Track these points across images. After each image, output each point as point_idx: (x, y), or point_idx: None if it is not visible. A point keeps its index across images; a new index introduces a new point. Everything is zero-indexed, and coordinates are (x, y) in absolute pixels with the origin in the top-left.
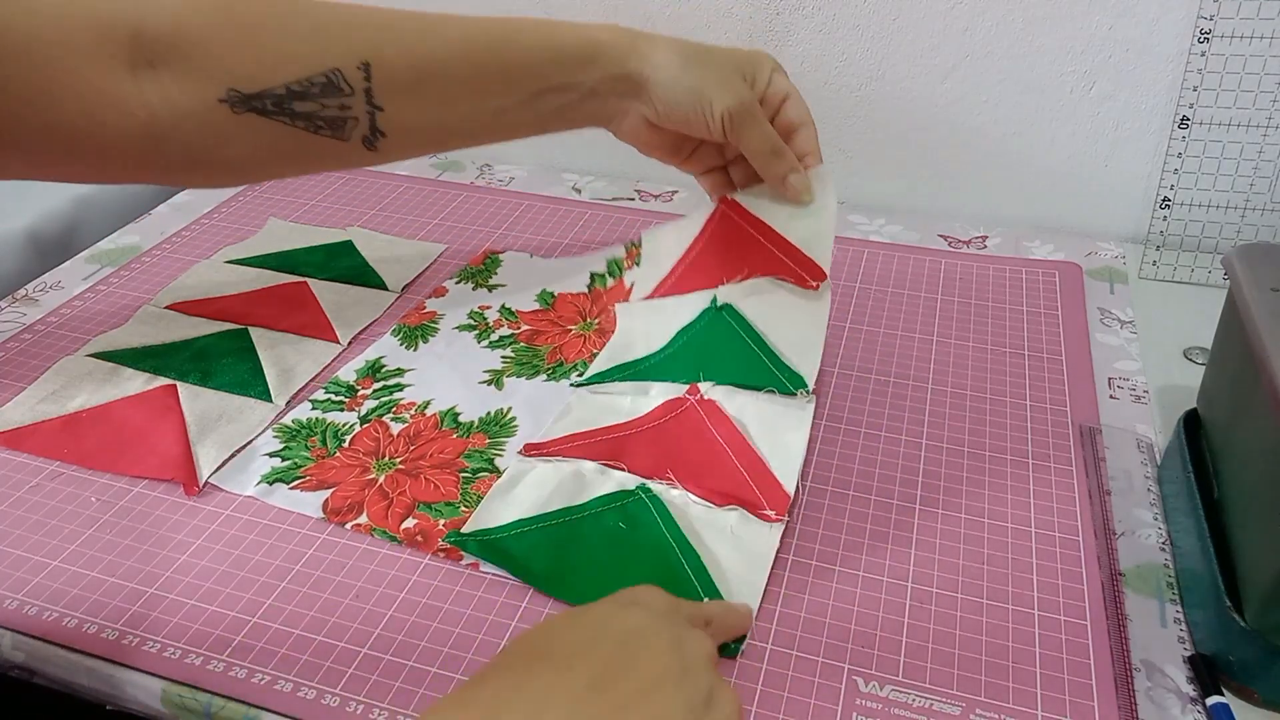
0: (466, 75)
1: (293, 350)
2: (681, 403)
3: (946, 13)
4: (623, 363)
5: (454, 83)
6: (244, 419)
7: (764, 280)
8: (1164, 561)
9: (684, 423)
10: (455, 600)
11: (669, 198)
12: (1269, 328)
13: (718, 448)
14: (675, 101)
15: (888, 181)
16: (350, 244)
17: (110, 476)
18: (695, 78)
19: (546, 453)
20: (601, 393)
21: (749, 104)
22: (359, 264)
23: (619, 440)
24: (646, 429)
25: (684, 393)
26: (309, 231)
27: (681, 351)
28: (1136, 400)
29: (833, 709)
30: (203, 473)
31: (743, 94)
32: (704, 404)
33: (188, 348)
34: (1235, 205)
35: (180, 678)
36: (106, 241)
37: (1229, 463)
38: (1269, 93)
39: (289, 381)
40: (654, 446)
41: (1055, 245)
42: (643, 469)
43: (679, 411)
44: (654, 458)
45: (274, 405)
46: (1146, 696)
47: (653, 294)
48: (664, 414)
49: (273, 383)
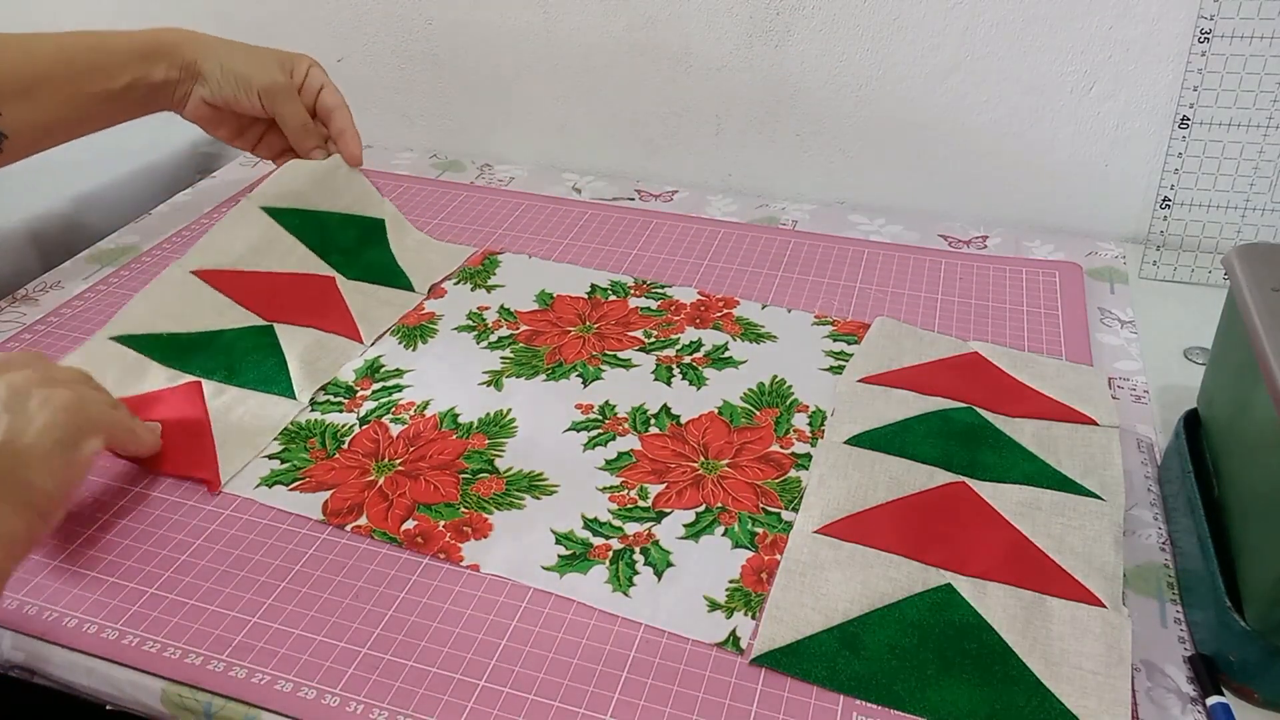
0: (66, 77)
1: (317, 346)
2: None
3: (946, 13)
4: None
5: (57, 84)
6: (268, 415)
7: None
8: (1164, 561)
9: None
10: (455, 600)
11: (669, 198)
12: (1269, 328)
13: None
14: (224, 83)
15: (888, 181)
16: (382, 228)
17: (110, 477)
18: (240, 64)
19: (842, 536)
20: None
21: (284, 85)
22: (387, 261)
23: (908, 523)
24: (927, 508)
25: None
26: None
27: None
28: (1136, 400)
29: (833, 709)
30: (227, 471)
31: (278, 77)
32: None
33: (213, 342)
34: (1235, 205)
35: (180, 678)
36: (106, 241)
37: (1229, 463)
38: (1269, 93)
39: (313, 378)
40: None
41: (1055, 245)
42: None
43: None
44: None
45: (297, 402)
46: (1146, 696)
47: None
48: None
49: (296, 380)
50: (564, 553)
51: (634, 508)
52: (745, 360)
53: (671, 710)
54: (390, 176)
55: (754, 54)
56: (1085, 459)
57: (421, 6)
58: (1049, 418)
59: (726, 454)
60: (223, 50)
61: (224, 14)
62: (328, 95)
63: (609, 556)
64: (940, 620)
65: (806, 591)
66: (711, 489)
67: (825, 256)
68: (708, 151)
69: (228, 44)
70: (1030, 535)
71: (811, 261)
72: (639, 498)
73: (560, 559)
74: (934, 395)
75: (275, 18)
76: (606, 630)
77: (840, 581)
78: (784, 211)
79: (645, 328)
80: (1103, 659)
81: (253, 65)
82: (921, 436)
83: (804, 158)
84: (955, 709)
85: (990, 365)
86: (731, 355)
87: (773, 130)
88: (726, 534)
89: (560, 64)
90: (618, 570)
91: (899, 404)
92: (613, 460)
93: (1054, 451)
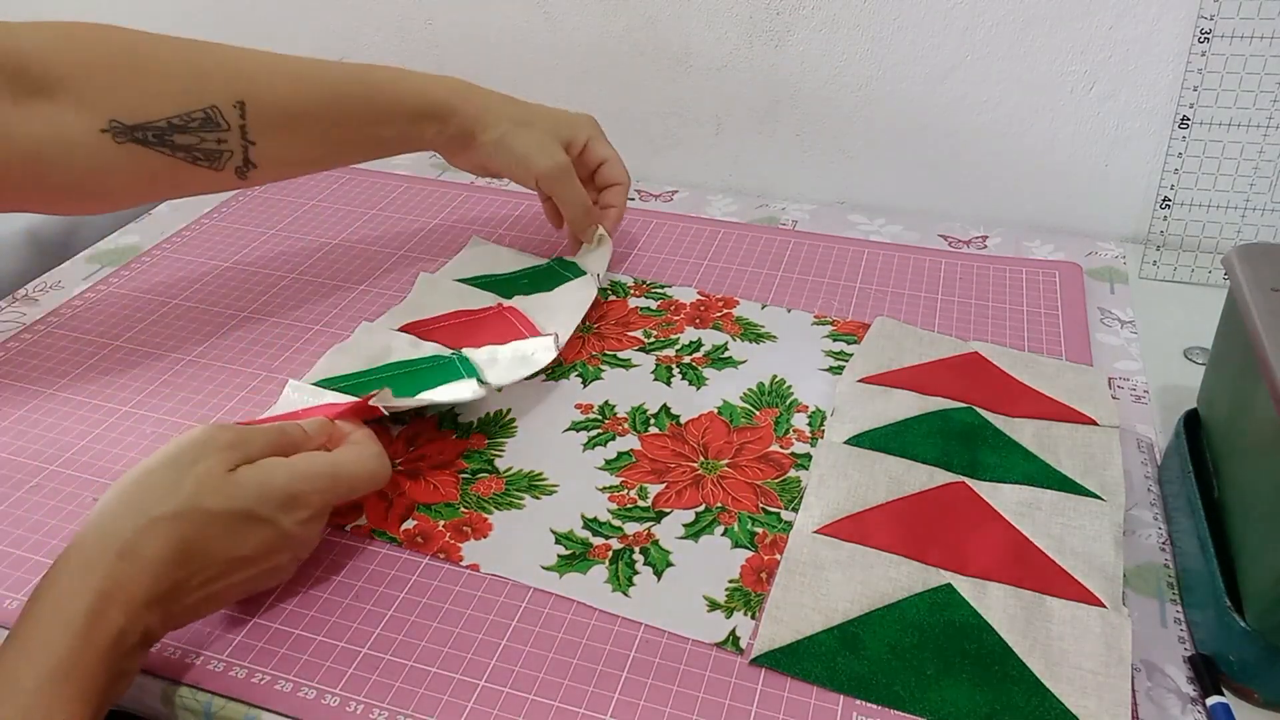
0: (330, 119)
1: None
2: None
3: (946, 13)
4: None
5: (319, 124)
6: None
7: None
8: (1164, 561)
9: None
10: (455, 600)
11: (669, 198)
12: (1269, 328)
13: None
14: (501, 162)
15: (888, 181)
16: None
17: (110, 477)
18: (519, 143)
19: (842, 536)
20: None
21: (563, 169)
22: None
23: (907, 523)
24: (927, 507)
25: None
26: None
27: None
28: (1136, 400)
29: (833, 709)
30: None
31: (558, 157)
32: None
33: (395, 370)
34: (1235, 205)
35: (180, 678)
36: (106, 241)
37: (1229, 463)
38: (1269, 93)
39: (508, 370)
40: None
41: (1055, 245)
42: (948, 562)
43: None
44: (955, 548)
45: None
46: (1146, 696)
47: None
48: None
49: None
50: (564, 553)
51: (634, 508)
52: (745, 360)
53: (671, 710)
54: (390, 176)
55: (754, 54)
56: (1085, 459)
57: (421, 6)
58: (1049, 418)
59: (726, 454)
60: (503, 124)
61: (224, 13)
62: (609, 171)
63: (609, 556)
64: (940, 620)
65: (806, 591)
66: (711, 489)
67: (825, 256)
68: (708, 151)
69: (507, 114)
70: (1030, 535)
71: (811, 261)
72: (639, 498)
73: (560, 559)
74: (934, 395)
75: (276, 18)
76: (606, 630)
77: (840, 581)
78: (784, 211)
79: (645, 327)
80: (1103, 659)
81: (532, 144)
82: (921, 436)
83: (804, 158)
84: (955, 709)
85: (990, 365)
86: (731, 355)
87: (773, 130)
88: (726, 534)
89: (560, 64)
90: (617, 570)
91: (899, 404)
92: (612, 460)
93: (1054, 451)
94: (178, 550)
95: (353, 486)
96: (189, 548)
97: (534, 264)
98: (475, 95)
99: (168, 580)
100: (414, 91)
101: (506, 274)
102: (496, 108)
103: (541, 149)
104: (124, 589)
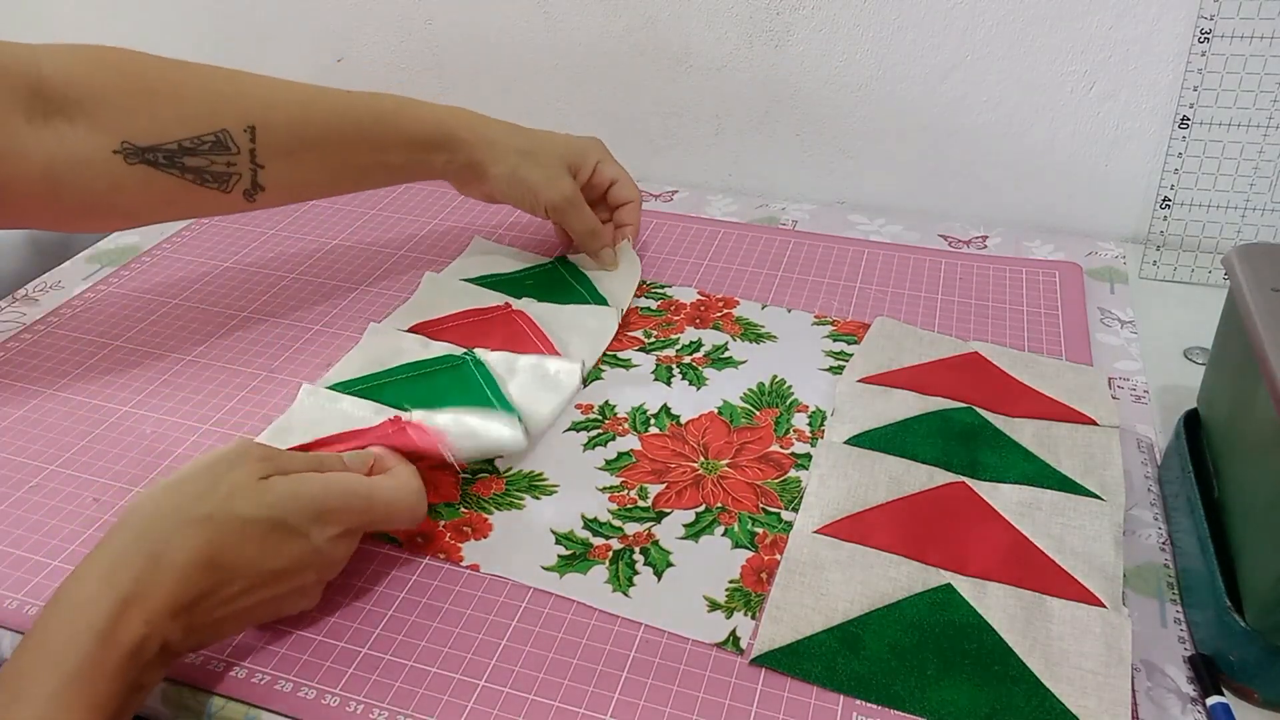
0: (338, 145)
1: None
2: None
3: (946, 13)
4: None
5: (327, 150)
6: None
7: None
8: (1164, 561)
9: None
10: (455, 600)
11: (669, 198)
12: (1269, 327)
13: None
14: (508, 191)
15: (888, 181)
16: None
17: (110, 476)
18: (527, 173)
19: (842, 536)
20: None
21: (571, 197)
22: (587, 289)
23: (907, 523)
24: (924, 508)
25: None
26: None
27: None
28: (1136, 400)
29: (833, 709)
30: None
31: (565, 188)
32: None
33: (410, 373)
34: (1235, 205)
35: (180, 678)
36: (106, 241)
37: (1229, 463)
38: (1269, 93)
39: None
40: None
41: (1055, 245)
42: (949, 563)
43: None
44: (955, 550)
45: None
46: (1146, 696)
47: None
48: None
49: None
50: (564, 553)
51: (634, 508)
52: (745, 360)
53: (671, 710)
54: None
55: (754, 54)
56: (1085, 459)
57: (421, 6)
58: (1049, 418)
59: (726, 454)
60: (510, 157)
61: (224, 13)
62: (621, 191)
63: (609, 556)
64: (940, 620)
65: (806, 591)
66: (711, 489)
67: (825, 256)
68: (708, 151)
69: (514, 145)
70: (1030, 535)
71: (811, 261)
72: (639, 498)
73: (560, 559)
74: (934, 395)
75: (275, 18)
76: (606, 630)
77: (840, 581)
78: (784, 211)
79: (645, 327)
80: (1103, 659)
81: (539, 177)
82: (921, 436)
83: (804, 158)
84: (955, 709)
85: (990, 365)
86: (731, 355)
87: (773, 130)
88: (726, 534)
89: (560, 64)
90: (618, 570)
91: (899, 404)
92: (613, 460)
93: (1054, 451)
94: (206, 556)
95: (388, 515)
96: (217, 554)
97: (537, 263)
98: (481, 126)
99: (194, 588)
100: (419, 120)
101: (510, 273)
102: (503, 140)
103: (548, 182)
104: (149, 595)
